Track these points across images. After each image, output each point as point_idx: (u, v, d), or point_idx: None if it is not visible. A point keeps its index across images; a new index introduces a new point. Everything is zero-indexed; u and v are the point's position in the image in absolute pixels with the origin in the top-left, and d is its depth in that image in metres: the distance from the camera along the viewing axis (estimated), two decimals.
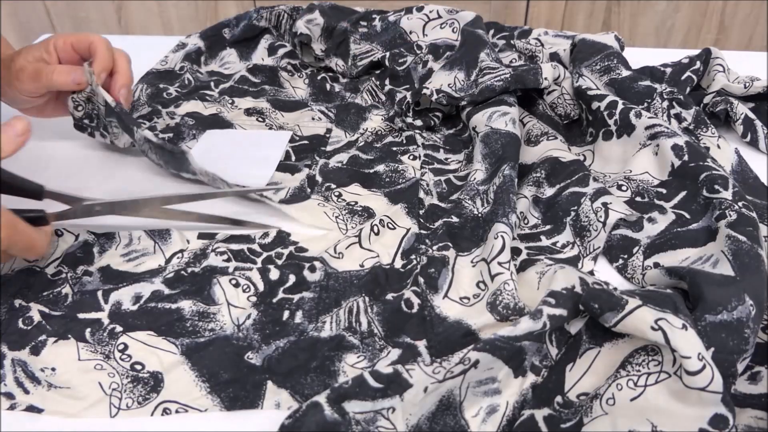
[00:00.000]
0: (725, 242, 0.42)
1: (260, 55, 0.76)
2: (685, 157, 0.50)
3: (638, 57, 0.71)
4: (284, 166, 0.57)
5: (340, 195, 0.53)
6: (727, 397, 0.31)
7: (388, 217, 0.50)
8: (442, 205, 0.52)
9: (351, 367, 0.39)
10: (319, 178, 0.55)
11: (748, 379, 0.37)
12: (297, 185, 0.54)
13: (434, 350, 0.40)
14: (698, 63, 0.66)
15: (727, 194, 0.46)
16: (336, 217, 0.51)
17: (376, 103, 0.68)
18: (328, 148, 0.60)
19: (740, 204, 0.44)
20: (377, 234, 0.48)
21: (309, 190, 0.54)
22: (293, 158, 0.59)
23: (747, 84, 0.61)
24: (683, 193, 0.50)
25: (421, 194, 0.53)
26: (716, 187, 0.47)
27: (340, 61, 0.74)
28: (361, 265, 0.46)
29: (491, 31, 0.77)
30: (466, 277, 0.44)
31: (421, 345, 0.40)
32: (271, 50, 0.75)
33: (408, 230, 0.48)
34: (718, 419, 0.31)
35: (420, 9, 0.75)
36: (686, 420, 0.31)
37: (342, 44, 0.74)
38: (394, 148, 0.60)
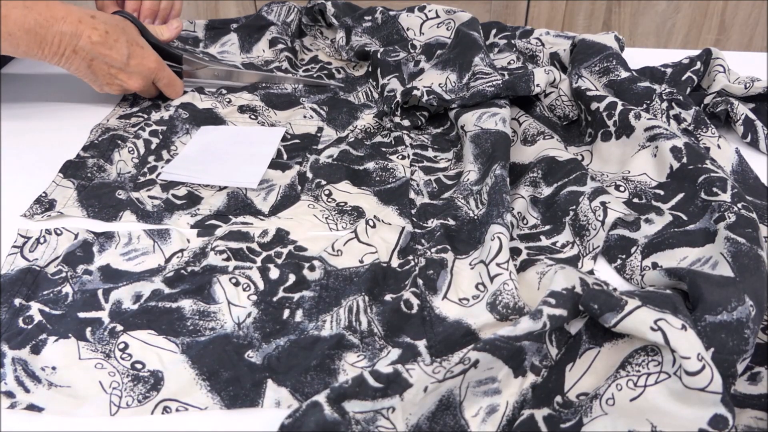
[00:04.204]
0: (724, 244, 0.42)
1: (261, 47, 0.76)
2: (684, 159, 0.50)
3: (638, 57, 0.72)
4: (275, 164, 0.57)
5: (330, 194, 0.53)
6: (727, 398, 0.31)
7: (379, 219, 0.50)
8: (434, 202, 0.53)
9: (351, 366, 0.39)
10: (309, 174, 0.55)
11: (747, 380, 0.37)
12: (287, 183, 0.55)
13: (434, 350, 0.40)
14: (699, 63, 0.66)
15: (725, 196, 0.46)
16: (326, 218, 0.51)
17: (369, 102, 0.68)
18: (319, 147, 0.60)
19: (739, 206, 0.44)
20: (373, 227, 0.48)
21: (299, 187, 0.54)
22: (285, 157, 0.59)
23: (747, 84, 0.61)
24: (681, 195, 0.50)
25: (412, 194, 0.53)
26: (714, 189, 0.47)
27: (344, 37, 0.75)
28: (361, 261, 0.46)
29: (493, 31, 0.77)
30: (465, 279, 0.44)
31: (421, 345, 0.40)
32: (273, 43, 0.76)
33: (403, 228, 0.48)
34: (717, 419, 0.31)
35: (422, 8, 0.76)
36: (686, 420, 0.31)
37: (349, 29, 0.76)
38: (383, 149, 0.60)
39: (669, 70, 0.67)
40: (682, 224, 0.47)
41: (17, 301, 0.42)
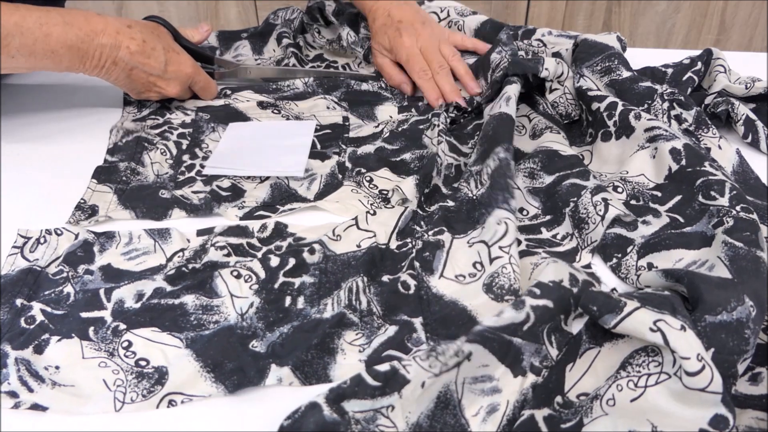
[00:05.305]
0: (721, 248, 0.42)
1: (271, 47, 0.77)
2: (683, 162, 0.50)
3: (639, 57, 0.71)
4: (313, 154, 0.58)
5: (371, 180, 0.53)
6: (727, 398, 0.31)
7: (399, 187, 0.50)
8: (443, 189, 0.53)
9: (349, 344, 0.40)
10: (348, 165, 0.56)
11: (748, 380, 0.37)
12: (328, 172, 0.55)
13: (430, 327, 0.41)
14: (699, 63, 0.66)
15: (723, 200, 0.46)
16: (371, 204, 0.51)
17: (385, 91, 0.68)
18: (351, 135, 0.61)
19: (738, 208, 0.44)
20: (374, 215, 0.49)
21: (340, 176, 0.55)
22: (319, 146, 0.60)
23: (748, 85, 0.61)
24: (678, 197, 0.50)
25: (434, 172, 0.53)
26: (712, 193, 0.47)
27: (351, 32, 0.74)
28: (358, 246, 0.46)
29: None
30: (463, 257, 0.45)
31: (417, 322, 0.41)
32: (279, 38, 0.76)
33: (406, 208, 0.49)
34: (718, 420, 0.31)
35: (420, 3, 0.76)
36: (686, 421, 0.32)
37: (354, 22, 0.76)
38: (420, 127, 0.60)
39: (670, 71, 0.67)
40: (678, 226, 0.47)
41: (19, 302, 0.42)
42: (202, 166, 0.57)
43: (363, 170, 0.55)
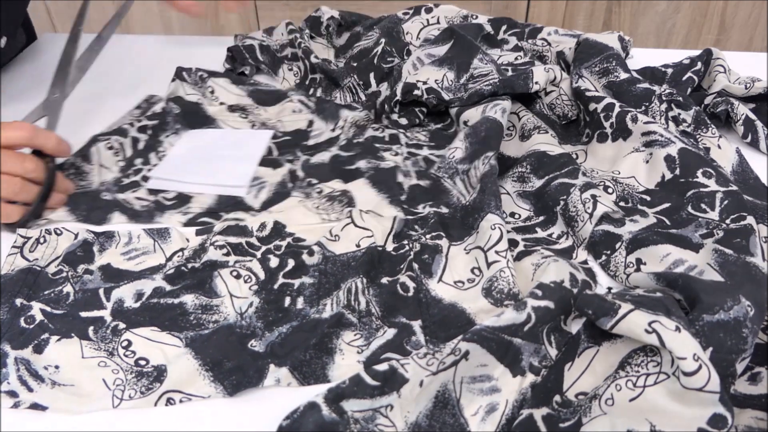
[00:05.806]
0: (711, 255, 0.42)
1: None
2: (677, 171, 0.50)
3: (639, 57, 0.72)
4: (266, 161, 0.58)
5: (321, 191, 0.53)
6: (725, 397, 0.31)
7: (372, 211, 0.49)
8: (422, 184, 0.53)
9: (348, 345, 0.40)
10: (300, 173, 0.55)
11: (748, 380, 0.37)
12: (278, 180, 0.55)
13: (429, 330, 0.41)
14: (699, 63, 0.66)
15: (713, 214, 0.46)
16: (316, 207, 0.51)
17: (355, 102, 0.67)
18: (310, 143, 0.60)
19: (728, 221, 0.45)
20: (368, 212, 0.49)
21: (291, 185, 0.54)
22: (275, 153, 0.59)
23: (748, 85, 0.61)
24: (667, 204, 0.50)
25: (400, 178, 0.53)
26: (702, 206, 0.47)
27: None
28: (357, 245, 0.46)
29: (503, 27, 0.77)
30: (461, 263, 0.45)
31: (416, 325, 0.41)
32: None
33: (395, 217, 0.49)
34: (717, 419, 0.31)
35: (429, 10, 0.76)
36: (685, 420, 0.32)
37: (351, 38, 0.76)
38: (377, 144, 0.59)
39: (670, 71, 0.67)
40: (665, 228, 0.47)
41: (18, 301, 0.42)
42: (145, 179, 0.55)
43: (314, 180, 0.54)
